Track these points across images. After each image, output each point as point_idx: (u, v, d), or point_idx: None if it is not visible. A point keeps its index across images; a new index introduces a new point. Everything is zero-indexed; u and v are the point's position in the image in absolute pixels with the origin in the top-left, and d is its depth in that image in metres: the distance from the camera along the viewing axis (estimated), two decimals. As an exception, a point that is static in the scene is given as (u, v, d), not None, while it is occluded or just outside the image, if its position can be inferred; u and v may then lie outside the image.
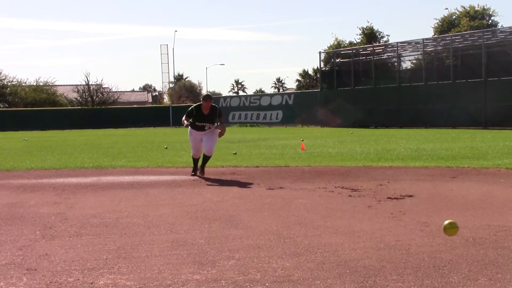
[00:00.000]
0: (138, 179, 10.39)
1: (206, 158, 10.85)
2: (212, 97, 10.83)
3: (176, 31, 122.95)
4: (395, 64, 39.14)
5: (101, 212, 7.01)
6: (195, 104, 11.03)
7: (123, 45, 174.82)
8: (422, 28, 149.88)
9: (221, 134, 10.74)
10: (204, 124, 10.68)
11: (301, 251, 4.91)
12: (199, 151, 10.94)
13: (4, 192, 8.97)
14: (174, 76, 73.75)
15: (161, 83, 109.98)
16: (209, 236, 5.53)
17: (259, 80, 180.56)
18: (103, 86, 64.24)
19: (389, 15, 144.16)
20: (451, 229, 4.85)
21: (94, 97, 61.43)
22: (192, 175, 10.75)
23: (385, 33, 69.72)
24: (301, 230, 5.77)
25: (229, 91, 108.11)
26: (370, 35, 56.90)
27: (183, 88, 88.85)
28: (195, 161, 11.02)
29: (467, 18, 53.39)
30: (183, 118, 10.76)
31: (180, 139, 26.34)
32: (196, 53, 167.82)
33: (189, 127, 10.72)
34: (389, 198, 7.71)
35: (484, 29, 39.25)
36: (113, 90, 66.51)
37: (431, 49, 38.94)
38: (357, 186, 8.91)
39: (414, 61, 40.40)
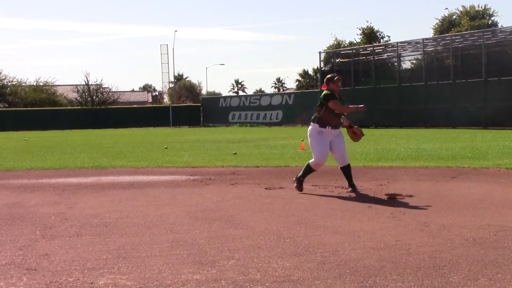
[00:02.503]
0: (138, 179, 10.39)
1: (347, 170, 8.45)
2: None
3: (176, 31, 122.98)
4: (395, 64, 39.13)
5: (101, 212, 7.00)
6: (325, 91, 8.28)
7: (123, 45, 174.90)
8: (422, 28, 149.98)
9: (359, 137, 8.59)
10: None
11: (301, 251, 4.91)
12: (326, 159, 8.36)
13: (4, 192, 8.97)
14: (174, 76, 73.69)
15: (161, 83, 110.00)
16: (209, 236, 5.53)
17: (259, 80, 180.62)
18: (103, 86, 64.22)
19: (389, 15, 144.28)
20: None
21: (94, 97, 61.40)
22: (297, 187, 8.39)
23: (385, 33, 69.86)
24: (301, 230, 5.77)
25: (229, 91, 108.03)
26: (370, 35, 56.88)
27: (183, 88, 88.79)
28: (310, 172, 8.47)
29: (468, 18, 53.39)
30: (348, 106, 8.38)
31: (180, 139, 26.34)
32: (196, 53, 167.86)
33: (318, 125, 8.25)
34: (389, 198, 7.71)
35: (484, 29, 39.24)
36: (113, 90, 66.50)
37: (431, 49, 38.93)
38: (357, 186, 8.90)
39: (414, 61, 40.38)
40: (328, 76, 8.45)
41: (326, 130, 8.25)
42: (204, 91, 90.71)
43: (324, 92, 8.30)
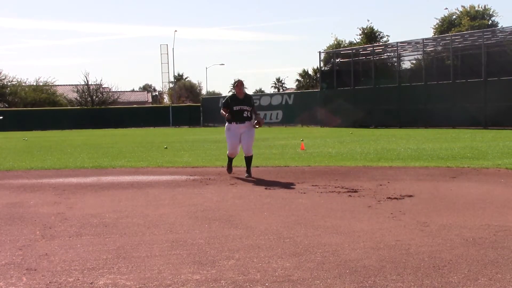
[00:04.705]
0: (138, 179, 10.38)
1: (248, 160, 10.57)
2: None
3: (176, 31, 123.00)
4: (395, 64, 39.13)
5: (101, 212, 7.00)
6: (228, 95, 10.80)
7: (123, 45, 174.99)
8: (422, 28, 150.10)
9: (260, 124, 10.67)
10: (242, 107, 10.42)
11: (301, 251, 4.91)
12: (236, 149, 10.57)
13: (4, 192, 8.96)
14: (174, 76, 73.72)
15: (161, 83, 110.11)
16: (209, 236, 5.53)
17: (259, 80, 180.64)
18: (102, 86, 64.23)
19: (389, 15, 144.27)
20: None
21: (94, 97, 61.40)
22: (228, 172, 10.68)
23: (385, 33, 69.82)
24: (301, 230, 5.77)
25: (229, 91, 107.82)
26: (370, 35, 56.90)
27: (183, 88, 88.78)
28: (231, 160, 10.73)
29: (468, 18, 53.40)
30: (221, 110, 10.55)
31: (180, 139, 26.35)
32: (196, 53, 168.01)
33: (227, 122, 10.50)
34: (389, 198, 7.71)
35: (484, 29, 39.24)
36: (113, 90, 66.51)
37: (431, 49, 38.94)
38: (357, 186, 8.91)
39: (414, 61, 40.39)
40: (233, 81, 10.70)
41: (232, 125, 10.48)
42: (204, 91, 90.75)
43: (226, 97, 10.75)
